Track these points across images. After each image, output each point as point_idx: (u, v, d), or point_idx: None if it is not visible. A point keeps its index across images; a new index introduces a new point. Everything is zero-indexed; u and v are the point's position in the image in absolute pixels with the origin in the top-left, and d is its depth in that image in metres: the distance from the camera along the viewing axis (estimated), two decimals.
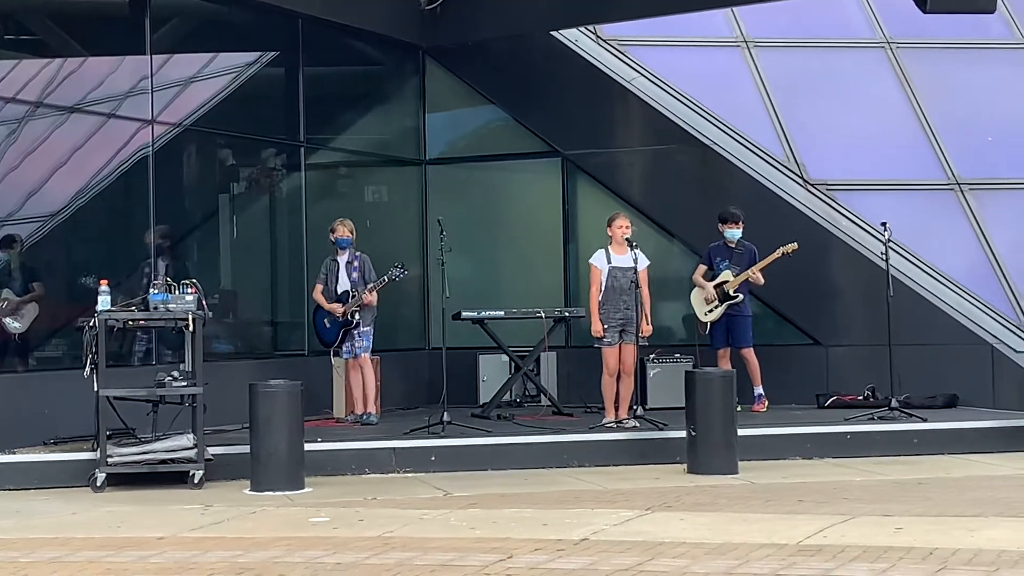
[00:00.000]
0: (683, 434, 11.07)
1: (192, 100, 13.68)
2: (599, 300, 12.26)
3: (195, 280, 10.89)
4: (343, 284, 13.03)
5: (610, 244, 12.41)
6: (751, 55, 15.85)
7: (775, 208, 14.35)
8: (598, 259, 12.37)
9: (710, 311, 13.39)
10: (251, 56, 14.53)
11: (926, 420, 12.31)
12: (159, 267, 12.75)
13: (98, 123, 12.87)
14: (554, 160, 15.71)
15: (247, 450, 10.46)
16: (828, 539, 7.74)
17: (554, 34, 15.38)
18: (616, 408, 12.31)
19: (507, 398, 14.16)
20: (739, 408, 11.41)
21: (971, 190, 14.84)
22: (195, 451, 10.57)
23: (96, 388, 10.48)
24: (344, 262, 13.07)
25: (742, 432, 11.13)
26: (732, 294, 13.29)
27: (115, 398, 10.60)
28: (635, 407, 12.35)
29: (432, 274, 15.21)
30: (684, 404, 11.16)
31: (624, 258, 12.26)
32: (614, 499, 9.64)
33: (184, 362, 11.07)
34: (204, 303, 10.80)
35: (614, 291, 12.23)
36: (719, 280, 13.32)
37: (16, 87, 12.21)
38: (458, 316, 13.67)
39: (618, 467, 11.36)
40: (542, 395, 14.30)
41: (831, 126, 15.27)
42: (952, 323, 13.66)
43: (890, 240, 12.96)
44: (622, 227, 12.38)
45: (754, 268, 13.27)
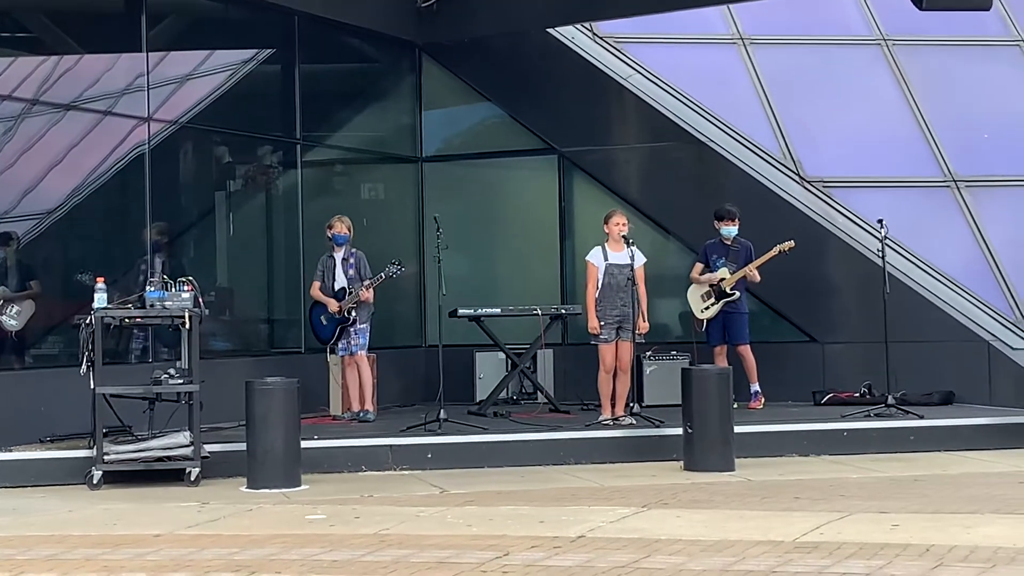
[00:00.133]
0: (679, 431, 11.08)
1: (188, 97, 13.67)
2: (596, 297, 12.26)
3: (191, 277, 10.90)
4: (339, 281, 13.03)
5: (607, 241, 12.40)
6: (747, 52, 15.85)
7: (771, 205, 14.34)
8: (594, 256, 12.37)
9: (706, 308, 13.38)
10: (247, 53, 14.51)
11: (922, 417, 12.32)
12: (155, 264, 12.74)
13: (94, 120, 12.85)
14: (550, 157, 15.69)
15: (243, 447, 10.44)
16: (824, 536, 7.74)
17: (550, 31, 15.36)
18: (613, 405, 12.30)
19: (504, 395, 14.16)
20: (735, 405, 11.41)
21: (967, 187, 14.83)
22: (191, 448, 10.57)
23: (92, 385, 10.48)
24: (340, 259, 13.07)
25: (739, 429, 11.13)
26: (729, 291, 13.29)
27: (111, 395, 10.59)
28: (631, 404, 12.33)
29: (428, 271, 15.19)
30: (680, 401, 11.15)
31: (621, 255, 12.26)
32: (611, 496, 9.64)
33: (180, 359, 11.03)
34: (200, 300, 10.80)
35: (611, 288, 12.22)
36: (717, 278, 13.32)
37: (12, 84, 12.20)
38: (454, 313, 13.67)
39: (615, 464, 11.35)
40: (539, 392, 14.30)
41: (827, 123, 15.26)
42: (948, 320, 13.66)
43: (886, 237, 12.96)
44: (619, 224, 12.37)
45: (751, 266, 13.25)
